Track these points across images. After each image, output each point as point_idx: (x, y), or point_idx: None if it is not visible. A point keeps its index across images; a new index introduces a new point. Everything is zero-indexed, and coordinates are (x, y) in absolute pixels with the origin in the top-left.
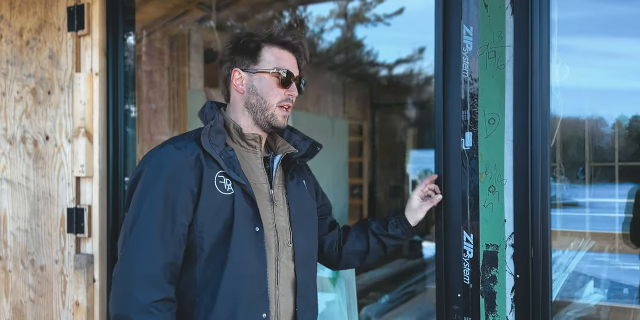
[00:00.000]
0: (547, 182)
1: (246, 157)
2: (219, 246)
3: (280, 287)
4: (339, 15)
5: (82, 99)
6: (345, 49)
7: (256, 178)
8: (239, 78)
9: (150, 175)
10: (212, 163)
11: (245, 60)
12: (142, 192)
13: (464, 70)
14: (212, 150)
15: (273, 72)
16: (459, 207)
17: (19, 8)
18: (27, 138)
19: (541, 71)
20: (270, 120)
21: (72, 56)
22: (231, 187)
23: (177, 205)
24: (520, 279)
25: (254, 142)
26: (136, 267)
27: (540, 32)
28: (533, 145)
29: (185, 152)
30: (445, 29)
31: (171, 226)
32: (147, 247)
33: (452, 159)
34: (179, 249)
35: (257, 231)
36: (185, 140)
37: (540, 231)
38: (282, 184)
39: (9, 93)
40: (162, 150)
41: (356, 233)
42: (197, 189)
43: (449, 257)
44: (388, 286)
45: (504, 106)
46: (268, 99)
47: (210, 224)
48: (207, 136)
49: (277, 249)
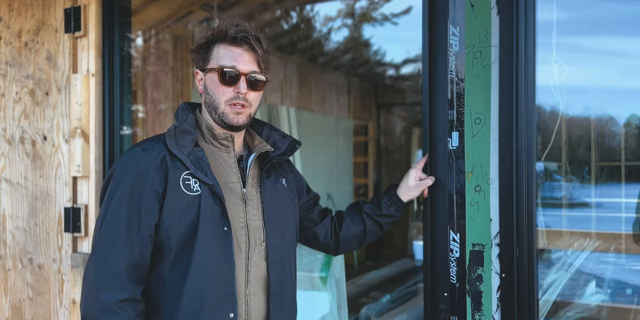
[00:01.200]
0: (532, 181)
1: (218, 157)
2: (185, 246)
3: (251, 286)
4: (346, 15)
5: (78, 100)
6: (352, 48)
7: (228, 177)
8: (200, 79)
9: (118, 177)
10: (178, 164)
11: (201, 61)
12: (110, 194)
13: (451, 70)
14: (178, 152)
15: (216, 69)
16: (445, 207)
17: (18, 10)
18: (26, 138)
19: (527, 71)
20: (223, 118)
21: (69, 57)
22: (198, 187)
23: (142, 206)
24: (505, 278)
25: (226, 141)
26: (101, 265)
27: (526, 32)
28: (518, 145)
29: (151, 154)
30: (432, 29)
31: (137, 226)
32: (112, 246)
33: (439, 158)
34: (145, 249)
35: (225, 230)
36: (153, 142)
37: (525, 230)
38: (257, 182)
39: (8, 94)
40: (130, 152)
41: (350, 217)
42: (162, 190)
43: (436, 256)
44: (390, 286)
45: (490, 106)
46: (216, 98)
47: (176, 224)
48: (174, 138)
49: (248, 248)
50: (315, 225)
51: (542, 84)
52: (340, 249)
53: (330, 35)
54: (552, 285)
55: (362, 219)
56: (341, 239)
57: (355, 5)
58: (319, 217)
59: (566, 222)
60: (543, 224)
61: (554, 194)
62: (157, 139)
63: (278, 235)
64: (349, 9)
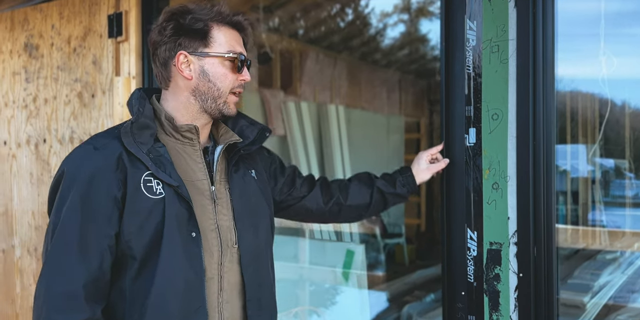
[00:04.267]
0: (551, 178)
1: (182, 151)
2: (149, 256)
3: (225, 293)
4: (402, 10)
5: (120, 101)
6: (408, 44)
7: (194, 174)
8: (185, 62)
9: (67, 181)
10: (137, 163)
11: (194, 43)
12: (60, 201)
13: (468, 65)
14: (137, 150)
15: (228, 56)
16: (462, 204)
17: (68, 18)
18: (75, 138)
19: (545, 65)
20: (222, 108)
21: (112, 61)
22: (161, 190)
23: (98, 215)
24: (523, 278)
25: (190, 133)
26: (53, 286)
27: (544, 25)
28: (536, 141)
29: (105, 152)
30: (449, 23)
31: (93, 238)
32: (66, 263)
33: (456, 155)
34: (105, 262)
35: (193, 237)
36: (107, 138)
37: (544, 229)
38: (225, 178)
39: (60, 96)
40: (80, 150)
41: (358, 188)
42: (120, 195)
43: (453, 254)
44: (435, 285)
45: (508, 101)
46: (222, 86)
47: (137, 232)
48: (130, 135)
49: (220, 252)
50: (303, 198)
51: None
52: (338, 217)
53: (386, 31)
54: (605, 287)
55: (371, 193)
56: (344, 206)
57: (411, 0)
58: (304, 189)
59: (630, 222)
60: (606, 224)
61: (618, 192)
62: (110, 134)
63: (251, 235)
64: (405, 4)
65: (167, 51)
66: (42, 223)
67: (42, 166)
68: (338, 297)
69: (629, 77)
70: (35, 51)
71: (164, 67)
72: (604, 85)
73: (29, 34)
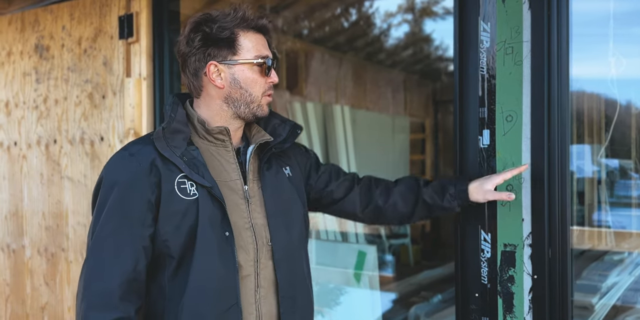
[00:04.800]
0: (566, 180)
1: (215, 153)
2: (185, 255)
3: (262, 290)
4: (406, 10)
5: (131, 102)
6: (412, 44)
7: (227, 175)
8: (216, 71)
9: (106, 186)
10: (171, 166)
11: (223, 52)
12: (100, 204)
13: (482, 66)
14: (170, 153)
15: (258, 62)
16: (476, 206)
17: (78, 19)
18: (85, 139)
19: (560, 67)
20: (256, 111)
21: (123, 62)
22: (195, 191)
23: (134, 218)
24: (537, 279)
25: (221, 135)
26: (92, 283)
27: (559, 27)
28: (551, 143)
29: (139, 158)
30: (463, 25)
31: (128, 240)
32: (103, 262)
33: (469, 156)
34: (140, 264)
35: (226, 236)
36: (141, 144)
37: (559, 231)
38: (257, 176)
39: (70, 97)
40: (117, 158)
41: (401, 195)
42: (155, 198)
43: (467, 256)
44: (442, 286)
45: (522, 103)
46: (253, 91)
47: (174, 233)
48: (163, 139)
49: (256, 249)
50: (340, 201)
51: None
52: (375, 221)
53: (390, 31)
54: (613, 288)
55: (415, 202)
56: (381, 215)
57: (415, 0)
58: (340, 191)
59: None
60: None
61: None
62: (145, 140)
63: (283, 232)
64: (409, 4)
65: (197, 62)
66: (52, 224)
67: (52, 167)
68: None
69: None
70: (45, 52)
71: (194, 78)
72: (612, 86)
73: (39, 35)
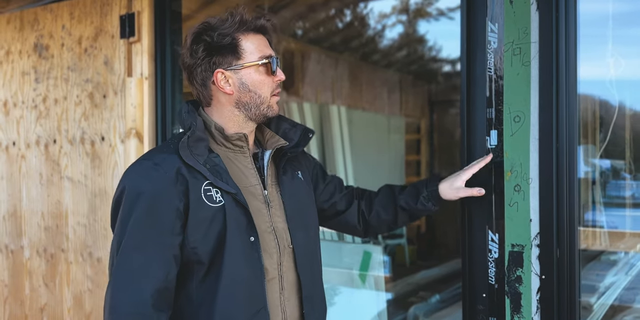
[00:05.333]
0: (574, 181)
1: (234, 159)
2: (214, 261)
3: (285, 292)
4: (400, 11)
5: (133, 102)
6: (406, 45)
7: (247, 181)
8: (224, 79)
9: (131, 196)
10: (196, 174)
11: (227, 58)
12: (124, 215)
13: (489, 67)
14: (194, 162)
15: (262, 62)
16: (483, 206)
17: (78, 18)
18: (86, 139)
19: (568, 67)
20: (267, 112)
21: (124, 62)
22: (220, 198)
23: (164, 227)
24: (545, 280)
25: (240, 141)
26: (123, 295)
27: (567, 28)
28: (559, 144)
29: (165, 168)
30: (470, 25)
31: (159, 250)
32: (134, 273)
33: (477, 157)
34: (171, 273)
35: (252, 241)
36: (165, 153)
37: (567, 231)
38: (275, 181)
39: (70, 97)
40: (140, 167)
41: (381, 205)
42: (183, 206)
43: (474, 256)
44: (439, 286)
45: (530, 104)
46: (262, 93)
47: (202, 240)
48: (187, 148)
49: (279, 253)
50: (342, 214)
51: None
52: (369, 233)
53: (384, 32)
54: (610, 288)
55: (394, 209)
56: (370, 223)
57: (409, 1)
58: (343, 204)
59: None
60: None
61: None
62: (167, 149)
63: (303, 235)
64: (404, 5)
65: (204, 72)
66: (51, 224)
67: (52, 167)
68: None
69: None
70: (45, 51)
71: (203, 87)
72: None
73: (39, 34)
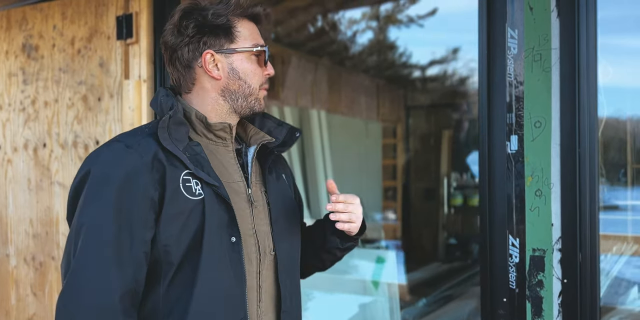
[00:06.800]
0: (595, 185)
1: (215, 152)
2: (187, 263)
3: (263, 304)
4: (371, 18)
5: (130, 105)
6: (378, 50)
7: (229, 176)
8: (212, 62)
9: (96, 182)
10: (175, 161)
11: (220, 40)
12: (87, 204)
13: (509, 73)
14: (173, 147)
15: (256, 50)
16: (504, 211)
17: (71, 18)
18: (79, 143)
19: (588, 73)
20: (253, 105)
21: (121, 64)
22: (200, 190)
23: (134, 218)
24: (568, 283)
25: (223, 132)
26: (85, 298)
27: (587, 35)
28: (581, 149)
29: (139, 150)
30: (490, 32)
31: (128, 244)
32: (99, 272)
33: (496, 162)
34: (139, 272)
35: (233, 242)
36: (138, 136)
37: (588, 236)
38: (260, 180)
39: (62, 99)
40: (109, 149)
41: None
42: (158, 196)
43: (495, 261)
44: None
45: (551, 109)
46: (252, 83)
47: (177, 236)
48: (166, 130)
49: (258, 259)
50: None
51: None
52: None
53: (356, 37)
54: None
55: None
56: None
57: (380, 8)
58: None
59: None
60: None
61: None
62: (140, 132)
63: (287, 241)
64: (374, 12)
65: (191, 52)
66: (40, 231)
67: (41, 172)
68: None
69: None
70: (34, 52)
71: (187, 69)
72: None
73: (27, 34)
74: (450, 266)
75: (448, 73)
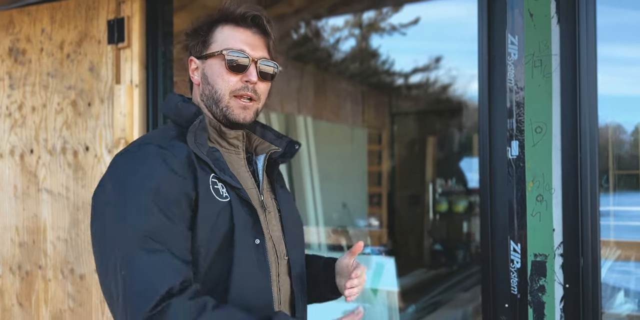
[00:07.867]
0: (596, 191)
1: (228, 159)
2: (218, 267)
3: (282, 307)
4: (353, 25)
5: (122, 110)
6: (360, 58)
7: (244, 182)
8: (195, 68)
9: (132, 182)
10: (203, 165)
11: (198, 46)
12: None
13: (509, 79)
14: (199, 151)
15: (218, 54)
16: (505, 217)
17: (60, 22)
18: (67, 149)
19: (589, 79)
20: (226, 113)
21: (112, 68)
22: (226, 193)
23: (177, 215)
24: (569, 289)
25: (236, 141)
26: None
27: (587, 41)
28: (582, 154)
29: (174, 151)
30: (490, 38)
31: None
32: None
33: (497, 167)
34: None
35: (257, 244)
36: (168, 139)
37: (590, 241)
38: (269, 188)
39: (50, 105)
40: (141, 150)
41: None
42: (194, 195)
43: (496, 266)
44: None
45: (551, 115)
46: (219, 88)
47: (209, 238)
48: (193, 134)
49: (277, 262)
50: None
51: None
52: None
53: (339, 45)
54: None
55: None
56: None
57: (362, 16)
58: None
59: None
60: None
61: None
62: (166, 135)
63: (298, 247)
64: (357, 20)
65: (185, 57)
66: (27, 239)
67: (28, 178)
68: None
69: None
70: (21, 56)
71: (189, 77)
72: None
73: (14, 37)
74: (436, 272)
75: (430, 81)
